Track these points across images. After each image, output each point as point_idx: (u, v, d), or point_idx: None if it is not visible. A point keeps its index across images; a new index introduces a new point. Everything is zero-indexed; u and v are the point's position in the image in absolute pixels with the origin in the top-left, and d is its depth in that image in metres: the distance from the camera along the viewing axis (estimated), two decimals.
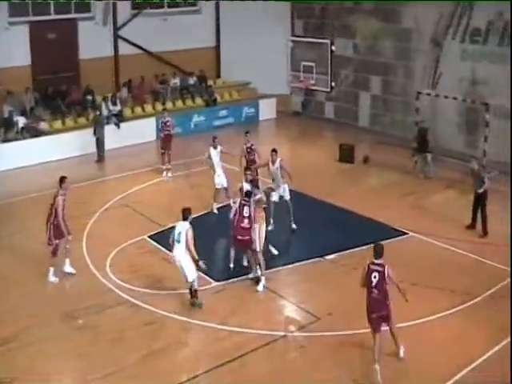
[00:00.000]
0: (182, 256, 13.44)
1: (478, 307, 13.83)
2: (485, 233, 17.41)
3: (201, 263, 13.37)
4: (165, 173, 22.60)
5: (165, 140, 22.89)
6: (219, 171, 19.31)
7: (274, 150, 17.58)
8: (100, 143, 24.29)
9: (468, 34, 24.32)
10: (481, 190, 17.30)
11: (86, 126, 25.55)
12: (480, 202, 17.49)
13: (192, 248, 13.30)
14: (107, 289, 14.58)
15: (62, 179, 15.06)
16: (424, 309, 13.60)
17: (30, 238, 16.99)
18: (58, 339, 12.66)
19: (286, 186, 17.43)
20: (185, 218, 13.70)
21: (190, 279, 13.55)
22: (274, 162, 17.43)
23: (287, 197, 17.44)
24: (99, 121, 24.56)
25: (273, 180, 17.70)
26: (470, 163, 17.92)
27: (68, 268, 15.37)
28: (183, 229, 13.48)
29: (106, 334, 12.80)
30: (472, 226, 17.67)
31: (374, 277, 11.49)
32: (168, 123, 22.97)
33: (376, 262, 11.55)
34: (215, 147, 19.54)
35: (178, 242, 13.48)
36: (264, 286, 14.58)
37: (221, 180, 19.18)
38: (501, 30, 23.12)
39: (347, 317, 13.42)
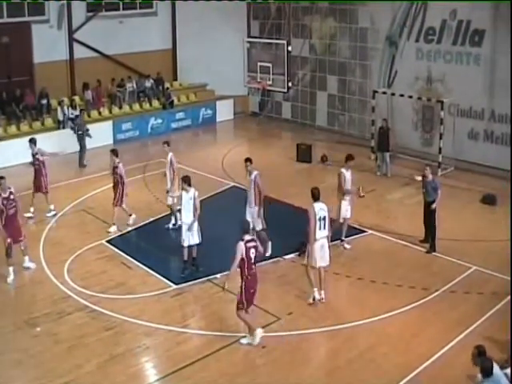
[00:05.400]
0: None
1: (437, 302, 14.02)
2: (433, 249, 16.50)
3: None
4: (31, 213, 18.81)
5: (35, 176, 19.00)
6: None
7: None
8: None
9: (422, 33, 24.62)
10: (434, 204, 16.34)
11: (42, 130, 25.25)
12: (430, 213, 16.52)
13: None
14: (66, 295, 14.39)
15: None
16: (384, 305, 13.75)
17: None
18: (15, 347, 12.45)
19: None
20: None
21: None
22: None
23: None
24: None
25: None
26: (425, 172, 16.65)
27: (27, 263, 15.54)
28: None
29: (65, 341, 12.63)
30: (426, 241, 16.80)
31: (253, 253, 12.13)
32: (37, 155, 18.92)
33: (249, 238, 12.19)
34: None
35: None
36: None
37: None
38: (454, 29, 23.45)
39: (307, 316, 13.50)
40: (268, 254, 15.93)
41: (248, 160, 16.09)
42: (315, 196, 13.87)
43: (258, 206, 15.90)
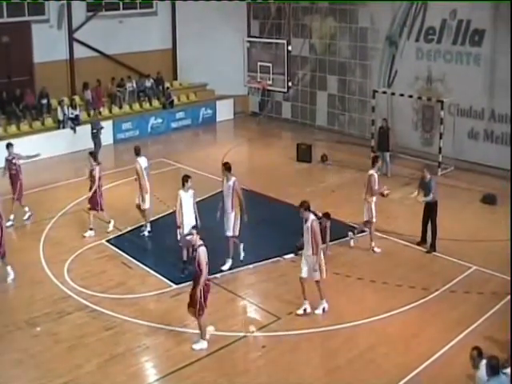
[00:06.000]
0: None
1: (437, 302, 14.02)
2: (434, 248, 16.54)
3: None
4: (10, 222, 17.98)
5: (11, 181, 18.41)
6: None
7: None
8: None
9: (422, 33, 24.62)
10: (429, 199, 16.35)
11: (42, 130, 25.26)
12: (430, 213, 16.59)
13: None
14: (66, 295, 14.40)
15: None
16: (383, 305, 13.76)
17: None
18: (15, 347, 12.45)
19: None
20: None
21: None
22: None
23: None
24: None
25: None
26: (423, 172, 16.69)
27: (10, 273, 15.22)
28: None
29: (66, 341, 12.63)
30: (423, 242, 16.85)
31: None
32: (14, 160, 18.39)
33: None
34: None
35: None
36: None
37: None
38: (454, 29, 23.45)
39: (307, 315, 13.49)
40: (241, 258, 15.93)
41: (225, 165, 15.66)
42: (309, 207, 13.40)
43: (235, 212, 15.51)
